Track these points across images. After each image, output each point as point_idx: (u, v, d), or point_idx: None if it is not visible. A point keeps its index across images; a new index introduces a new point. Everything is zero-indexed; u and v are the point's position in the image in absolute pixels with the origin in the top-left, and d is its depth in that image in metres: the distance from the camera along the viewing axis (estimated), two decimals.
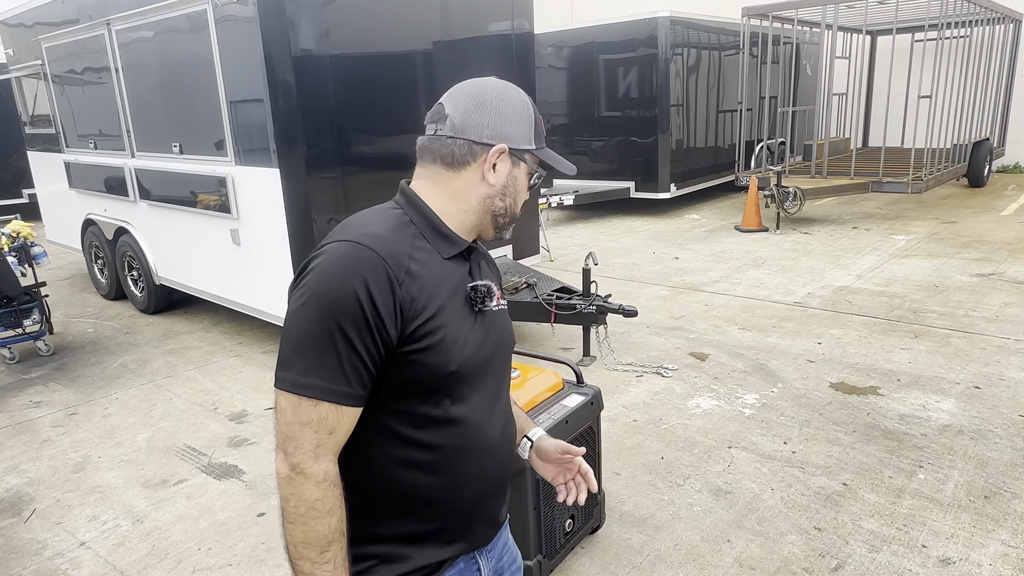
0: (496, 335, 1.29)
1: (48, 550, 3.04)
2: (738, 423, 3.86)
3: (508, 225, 1.30)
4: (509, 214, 1.29)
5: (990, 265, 6.83)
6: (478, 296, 1.22)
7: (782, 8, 9.84)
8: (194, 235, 5.49)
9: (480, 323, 1.24)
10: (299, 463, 1.09)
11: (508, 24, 5.60)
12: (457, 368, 1.17)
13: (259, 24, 4.32)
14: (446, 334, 1.16)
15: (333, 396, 1.09)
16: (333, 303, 1.08)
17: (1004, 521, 2.91)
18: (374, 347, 1.10)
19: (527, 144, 1.26)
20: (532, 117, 1.27)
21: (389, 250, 1.12)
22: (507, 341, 1.34)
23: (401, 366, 1.14)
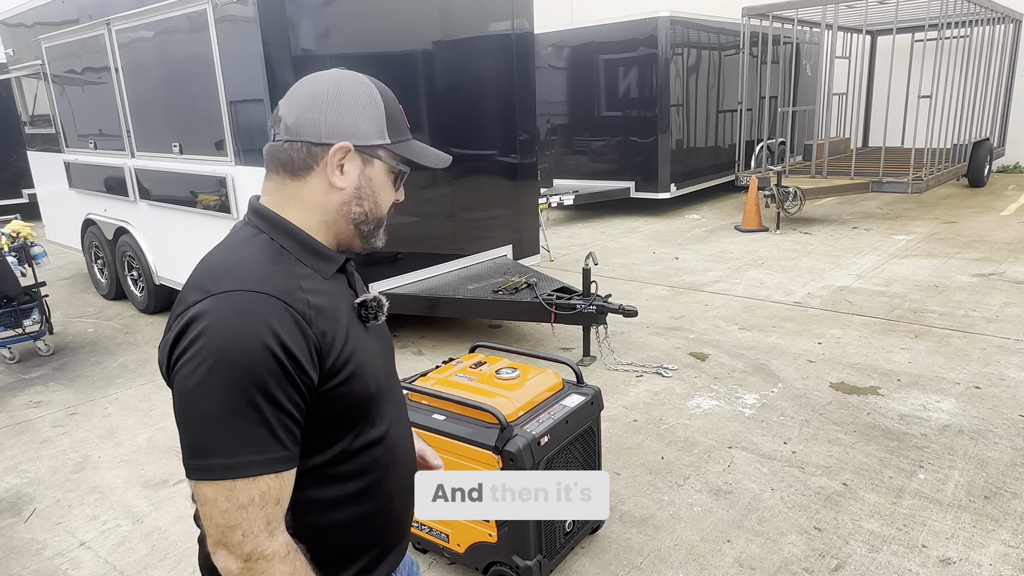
0: (385, 343, 1.27)
1: (48, 550, 3.04)
2: (738, 423, 3.86)
3: (375, 232, 1.19)
4: (372, 219, 1.17)
5: (990, 265, 6.83)
6: (370, 311, 1.17)
7: (782, 8, 9.84)
8: (194, 235, 5.49)
9: (373, 336, 1.20)
10: (253, 550, 0.97)
11: (508, 24, 5.60)
12: (376, 389, 1.14)
13: (259, 24, 4.32)
14: (360, 358, 1.10)
15: (271, 465, 0.97)
16: (246, 366, 0.95)
17: (1004, 521, 2.91)
18: (299, 398, 1.01)
19: (378, 139, 1.13)
20: (381, 107, 1.14)
21: (283, 289, 1.03)
22: (391, 347, 1.33)
23: (326, 405, 1.06)
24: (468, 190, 5.49)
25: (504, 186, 5.88)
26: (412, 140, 1.19)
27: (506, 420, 2.45)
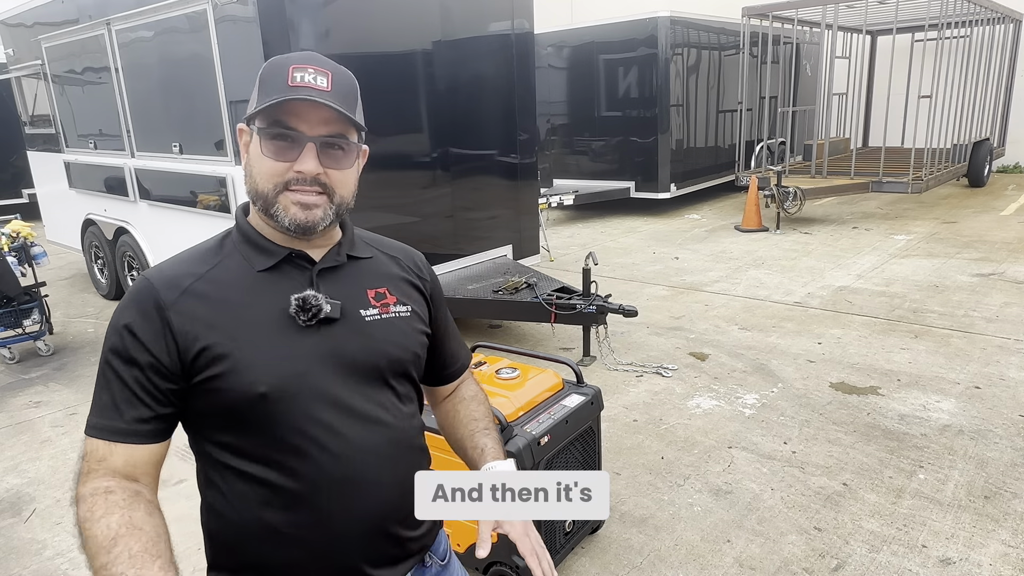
0: (351, 349, 1.13)
1: (48, 550, 3.04)
2: (738, 423, 3.86)
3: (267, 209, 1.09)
4: (258, 197, 1.10)
5: (990, 265, 6.83)
6: (303, 309, 1.09)
7: (782, 8, 9.84)
8: (194, 235, 5.45)
9: (316, 338, 1.10)
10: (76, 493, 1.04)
11: (508, 24, 5.60)
12: (269, 390, 1.06)
13: (259, 24, 4.32)
14: (243, 354, 1.06)
15: (101, 432, 1.05)
16: (108, 341, 1.07)
17: (1004, 521, 2.91)
18: (148, 380, 1.05)
19: (252, 107, 1.08)
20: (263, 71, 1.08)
21: (169, 276, 1.09)
22: (378, 353, 1.16)
23: (200, 395, 1.08)
24: (468, 190, 5.49)
25: (504, 186, 5.88)
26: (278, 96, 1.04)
27: (506, 420, 2.45)
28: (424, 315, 1.27)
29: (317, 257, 1.17)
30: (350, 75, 1.13)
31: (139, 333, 1.05)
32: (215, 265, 1.12)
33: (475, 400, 1.41)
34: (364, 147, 1.20)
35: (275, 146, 1.07)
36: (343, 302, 1.14)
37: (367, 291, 1.19)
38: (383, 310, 1.19)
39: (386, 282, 1.23)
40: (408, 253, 1.33)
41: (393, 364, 1.18)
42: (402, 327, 1.21)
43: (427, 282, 1.31)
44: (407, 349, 1.21)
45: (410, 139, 5.16)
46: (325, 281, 1.15)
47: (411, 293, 1.26)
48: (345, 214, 1.18)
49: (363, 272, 1.21)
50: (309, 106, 1.06)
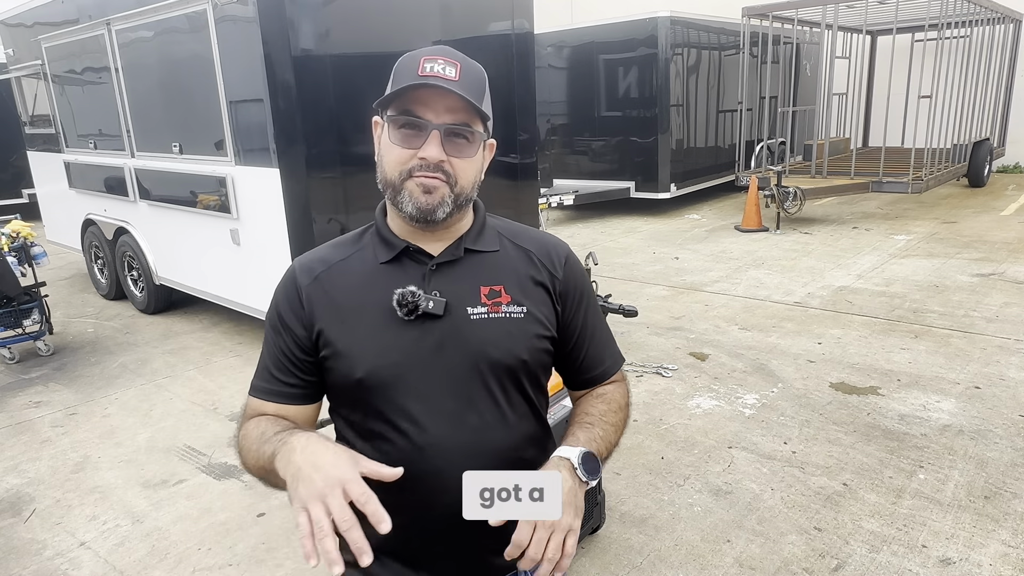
0: (450, 346, 1.13)
1: (48, 550, 3.04)
2: (738, 423, 3.86)
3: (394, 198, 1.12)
4: (387, 186, 1.13)
5: (990, 265, 6.83)
6: (401, 304, 1.12)
7: (782, 8, 9.84)
8: (194, 235, 5.49)
9: (419, 332, 1.13)
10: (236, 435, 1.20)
11: (508, 24, 5.60)
12: (364, 376, 1.12)
13: (259, 24, 4.32)
14: (348, 339, 1.13)
15: (258, 392, 1.21)
16: (267, 314, 1.24)
17: (1004, 521, 2.91)
18: (291, 349, 1.18)
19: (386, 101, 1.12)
20: (397, 63, 1.12)
21: (307, 263, 1.22)
22: (477, 354, 1.14)
23: (325, 371, 1.18)
24: None
25: (504, 186, 5.88)
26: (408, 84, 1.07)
27: None
28: (546, 317, 1.21)
29: (435, 252, 1.18)
30: (479, 67, 1.14)
31: (283, 311, 1.19)
32: (349, 256, 1.21)
33: (600, 398, 1.28)
34: (491, 140, 1.20)
35: (402, 134, 1.10)
36: (452, 298, 1.14)
37: (480, 288, 1.17)
38: (493, 309, 1.16)
39: (505, 279, 1.19)
40: (546, 247, 1.25)
41: (494, 366, 1.15)
42: (511, 328, 1.16)
43: (559, 281, 1.23)
44: (511, 352, 1.16)
45: None
46: (439, 276, 1.16)
47: (533, 292, 1.20)
48: (466, 205, 1.17)
49: (482, 267, 1.19)
50: (436, 94, 1.08)
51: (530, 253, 1.23)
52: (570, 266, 1.26)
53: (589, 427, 1.20)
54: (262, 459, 1.07)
